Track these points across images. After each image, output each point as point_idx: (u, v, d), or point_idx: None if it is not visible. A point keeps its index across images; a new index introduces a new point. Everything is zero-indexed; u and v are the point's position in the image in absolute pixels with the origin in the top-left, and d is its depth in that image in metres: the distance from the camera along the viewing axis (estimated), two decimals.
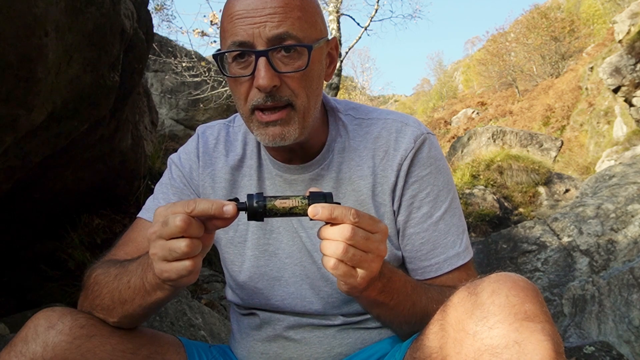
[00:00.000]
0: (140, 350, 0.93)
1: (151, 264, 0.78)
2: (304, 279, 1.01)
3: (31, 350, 0.81)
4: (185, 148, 1.10)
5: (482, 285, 0.74)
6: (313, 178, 1.01)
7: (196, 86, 7.80)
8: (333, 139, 1.02)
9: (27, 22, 1.38)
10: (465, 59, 42.19)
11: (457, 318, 0.73)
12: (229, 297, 1.13)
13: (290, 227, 1.02)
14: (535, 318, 0.68)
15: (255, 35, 0.84)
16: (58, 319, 0.84)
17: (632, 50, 8.87)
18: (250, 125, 0.92)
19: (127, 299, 0.85)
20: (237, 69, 0.88)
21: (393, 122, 1.02)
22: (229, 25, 0.86)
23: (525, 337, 0.66)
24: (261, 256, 1.03)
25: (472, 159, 8.68)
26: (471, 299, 0.73)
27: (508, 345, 0.66)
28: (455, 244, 1.00)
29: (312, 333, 1.02)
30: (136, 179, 3.20)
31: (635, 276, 2.47)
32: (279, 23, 0.84)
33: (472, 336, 0.69)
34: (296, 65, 0.86)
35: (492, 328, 0.68)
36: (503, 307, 0.69)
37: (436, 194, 0.99)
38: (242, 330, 1.10)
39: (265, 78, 0.84)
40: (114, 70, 2.15)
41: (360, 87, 31.66)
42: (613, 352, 2.14)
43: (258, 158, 1.05)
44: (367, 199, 0.99)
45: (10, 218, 2.31)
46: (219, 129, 1.10)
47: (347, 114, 1.05)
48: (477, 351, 0.68)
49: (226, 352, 1.12)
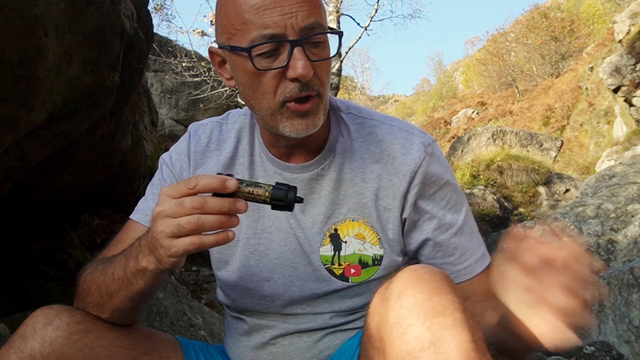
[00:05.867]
0: (137, 346, 0.93)
1: (147, 245, 0.79)
2: (294, 280, 1.00)
3: (29, 346, 0.81)
4: (176, 147, 1.08)
5: (390, 288, 0.73)
6: (312, 178, 0.99)
7: (196, 86, 7.81)
8: (335, 139, 1.00)
9: (27, 22, 1.38)
10: (465, 59, 42.19)
11: (375, 327, 0.73)
12: (219, 298, 1.13)
13: (284, 227, 1.00)
14: (445, 311, 0.67)
15: (288, 26, 0.81)
16: (55, 315, 0.84)
17: (632, 50, 8.87)
18: (278, 119, 0.88)
19: (113, 292, 0.86)
20: (264, 62, 0.83)
21: (398, 129, 1.00)
22: (255, 17, 0.81)
23: (438, 335, 0.65)
24: (251, 256, 1.01)
25: (472, 159, 8.67)
26: (383, 305, 0.72)
27: (423, 347, 0.65)
28: (480, 244, 1.01)
29: (300, 339, 1.02)
30: (136, 179, 3.20)
31: (635, 276, 2.47)
32: (309, 12, 0.82)
33: (390, 344, 0.69)
34: (323, 54, 0.86)
35: (405, 333, 0.67)
36: (411, 308, 0.68)
37: (456, 199, 0.99)
38: (232, 335, 1.10)
39: (306, 67, 0.81)
40: (114, 70, 2.15)
41: (360, 87, 31.67)
42: (613, 352, 2.14)
43: (250, 155, 1.02)
44: (369, 202, 0.97)
45: (10, 218, 2.31)
46: (212, 127, 1.07)
47: (348, 112, 1.03)
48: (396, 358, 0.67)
49: (224, 352, 1.12)
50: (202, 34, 8.58)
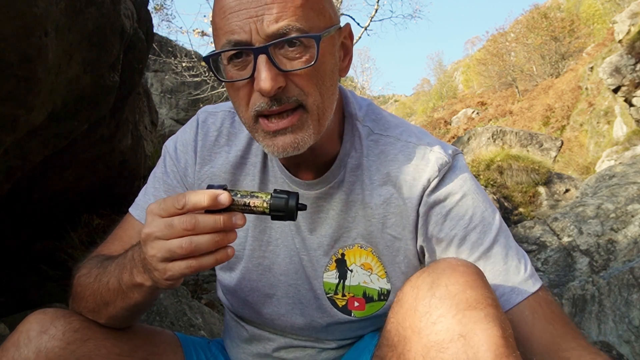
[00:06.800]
0: (136, 353, 0.90)
1: (141, 263, 0.73)
2: (297, 303, 0.95)
3: (23, 356, 0.77)
4: (183, 136, 0.97)
5: (422, 277, 0.71)
6: (320, 197, 0.90)
7: (196, 86, 7.81)
8: (346, 153, 0.89)
9: (27, 22, 1.38)
10: (465, 59, 42.20)
11: (403, 315, 0.71)
12: (220, 298, 1.08)
13: (289, 244, 0.93)
14: (478, 305, 0.65)
15: (252, 31, 0.71)
16: (51, 323, 0.80)
17: (632, 50, 8.87)
18: (255, 135, 0.80)
19: (109, 301, 0.81)
20: (234, 71, 0.76)
21: (414, 147, 0.89)
22: (221, 22, 0.74)
23: (469, 328, 0.64)
24: (254, 270, 0.95)
25: (472, 159, 8.67)
26: (413, 294, 0.70)
27: (453, 339, 0.64)
28: (519, 269, 0.85)
29: (305, 352, 0.99)
30: (136, 179, 3.20)
31: (635, 276, 2.47)
32: (278, 15, 0.71)
33: (418, 333, 0.67)
34: (304, 59, 0.73)
35: (436, 323, 0.66)
36: (443, 298, 0.66)
37: (481, 216, 0.86)
38: (232, 339, 1.08)
39: (267, 80, 0.70)
40: (114, 70, 2.15)
41: (360, 87, 31.63)
42: (613, 352, 2.14)
43: (264, 156, 0.93)
44: (376, 230, 0.89)
45: (10, 218, 2.31)
46: (223, 118, 0.96)
47: (365, 125, 0.91)
48: (424, 348, 0.66)
49: (225, 348, 1.11)
50: (202, 34, 8.59)
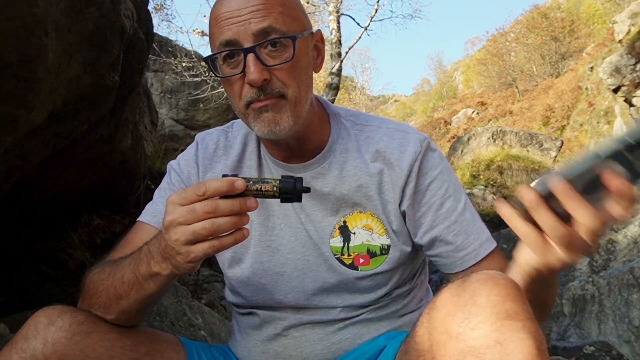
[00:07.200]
0: (139, 347, 0.94)
1: (159, 253, 0.81)
2: (307, 272, 1.04)
3: (31, 346, 0.83)
4: (184, 155, 1.13)
5: (463, 285, 0.74)
6: (314, 176, 1.03)
7: (196, 86, 7.80)
8: (335, 140, 1.04)
9: (27, 22, 1.38)
10: (465, 59, 42.22)
11: (440, 320, 0.74)
12: (228, 298, 1.15)
13: (293, 223, 1.04)
14: (517, 316, 0.68)
15: (241, 33, 0.88)
16: (57, 316, 0.86)
17: (632, 50, 8.88)
18: (248, 120, 0.95)
19: (122, 294, 0.87)
20: (228, 70, 0.92)
21: (395, 130, 1.06)
22: (216, 29, 0.91)
23: (507, 336, 0.66)
24: (264, 252, 1.05)
25: (472, 159, 8.68)
26: (453, 300, 0.73)
27: (490, 345, 0.66)
28: (483, 229, 1.04)
29: (313, 330, 1.04)
30: (136, 179, 3.20)
31: (635, 276, 2.47)
32: (263, 18, 0.88)
33: (455, 338, 0.70)
34: (283, 57, 0.90)
35: (474, 329, 0.68)
36: (484, 307, 0.69)
37: (454, 188, 1.04)
38: (242, 331, 1.11)
39: (255, 72, 0.87)
40: (114, 70, 2.15)
41: (360, 87, 31.74)
42: (613, 352, 2.14)
43: (258, 158, 1.07)
44: (374, 195, 1.02)
45: (10, 218, 2.31)
46: (218, 135, 1.12)
47: (348, 119, 1.08)
48: (460, 352, 0.68)
49: (226, 353, 1.12)
50: (202, 34, 8.59)
